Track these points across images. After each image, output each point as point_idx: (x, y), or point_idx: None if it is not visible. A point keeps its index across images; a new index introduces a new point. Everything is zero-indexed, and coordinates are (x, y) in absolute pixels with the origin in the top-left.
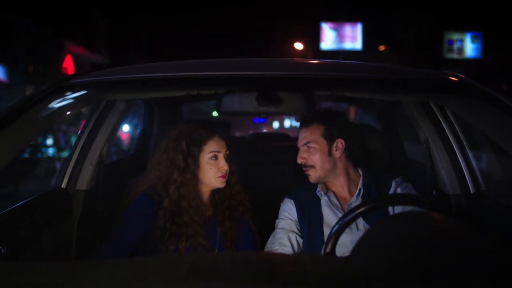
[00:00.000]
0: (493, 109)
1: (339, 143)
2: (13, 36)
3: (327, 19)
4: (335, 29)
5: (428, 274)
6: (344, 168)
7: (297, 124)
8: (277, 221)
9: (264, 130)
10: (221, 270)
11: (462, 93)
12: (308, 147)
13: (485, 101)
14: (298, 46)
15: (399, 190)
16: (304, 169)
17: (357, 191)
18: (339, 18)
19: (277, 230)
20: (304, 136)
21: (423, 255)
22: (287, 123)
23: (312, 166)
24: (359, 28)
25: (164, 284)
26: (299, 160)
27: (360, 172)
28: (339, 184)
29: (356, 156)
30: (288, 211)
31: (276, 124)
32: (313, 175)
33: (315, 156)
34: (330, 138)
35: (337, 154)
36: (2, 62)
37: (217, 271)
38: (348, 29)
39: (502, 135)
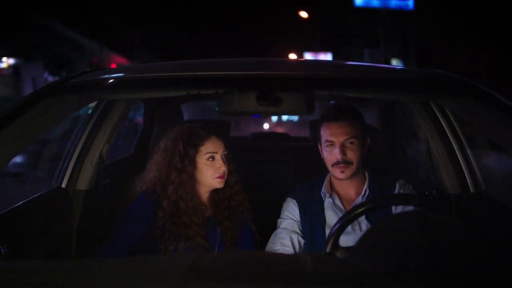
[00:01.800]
0: (493, 109)
1: (367, 141)
2: (81, 53)
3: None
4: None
5: (428, 274)
6: (363, 167)
7: (293, 118)
8: (279, 220)
9: (265, 124)
10: (221, 270)
11: (462, 93)
12: (351, 142)
13: (485, 101)
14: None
15: (402, 192)
16: (338, 165)
17: (363, 192)
18: (315, 49)
19: (278, 230)
20: (345, 131)
21: (423, 255)
22: (285, 117)
23: (351, 163)
24: (329, 56)
25: (164, 284)
26: (340, 157)
27: (366, 173)
28: (351, 184)
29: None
30: (291, 211)
31: (274, 118)
32: (348, 172)
33: (356, 152)
34: (364, 135)
35: (365, 151)
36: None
37: (216, 271)
38: (321, 57)
39: (502, 135)
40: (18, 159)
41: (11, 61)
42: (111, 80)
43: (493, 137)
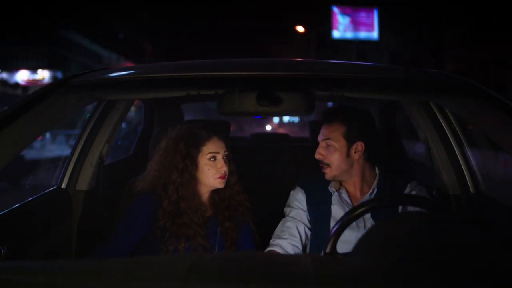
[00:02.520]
0: (493, 109)
1: (359, 146)
2: (101, 63)
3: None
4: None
5: (428, 274)
6: (360, 170)
7: (294, 119)
8: (287, 209)
9: (268, 125)
10: (221, 270)
11: (462, 93)
12: (327, 144)
13: (485, 101)
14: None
15: (413, 193)
16: (320, 165)
17: (371, 190)
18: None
19: (287, 218)
20: (324, 133)
21: (423, 255)
22: (286, 118)
23: (328, 165)
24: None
25: (164, 284)
26: (317, 156)
27: (377, 172)
28: (352, 184)
29: (375, 158)
30: (299, 201)
31: (276, 119)
32: (329, 173)
33: (333, 155)
34: (350, 140)
35: (355, 156)
36: None
37: (217, 271)
38: None
39: (502, 135)
40: None
41: (45, 73)
42: (111, 80)
43: (493, 137)
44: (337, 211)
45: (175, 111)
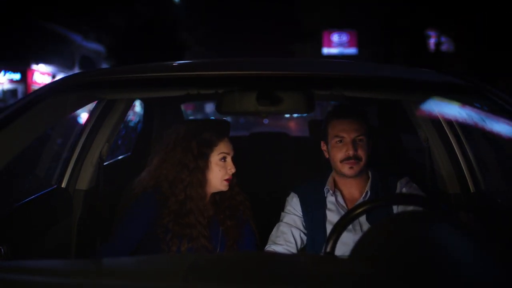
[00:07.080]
0: (494, 109)
1: (371, 142)
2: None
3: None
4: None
5: (428, 274)
6: (367, 167)
7: (299, 115)
8: (282, 214)
9: (265, 120)
10: (221, 270)
11: (463, 93)
12: (360, 139)
13: (486, 101)
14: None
15: (404, 190)
16: (348, 161)
17: (365, 193)
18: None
19: (281, 224)
20: (355, 128)
21: (423, 255)
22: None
23: (360, 160)
24: None
25: (164, 284)
26: (350, 152)
27: (370, 173)
28: (355, 183)
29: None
30: (294, 206)
31: (287, 115)
32: (357, 168)
33: (365, 150)
34: (370, 135)
35: (369, 150)
36: None
37: (217, 271)
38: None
39: (502, 135)
40: None
41: None
42: (111, 80)
43: (493, 137)
44: (331, 214)
45: (175, 111)
